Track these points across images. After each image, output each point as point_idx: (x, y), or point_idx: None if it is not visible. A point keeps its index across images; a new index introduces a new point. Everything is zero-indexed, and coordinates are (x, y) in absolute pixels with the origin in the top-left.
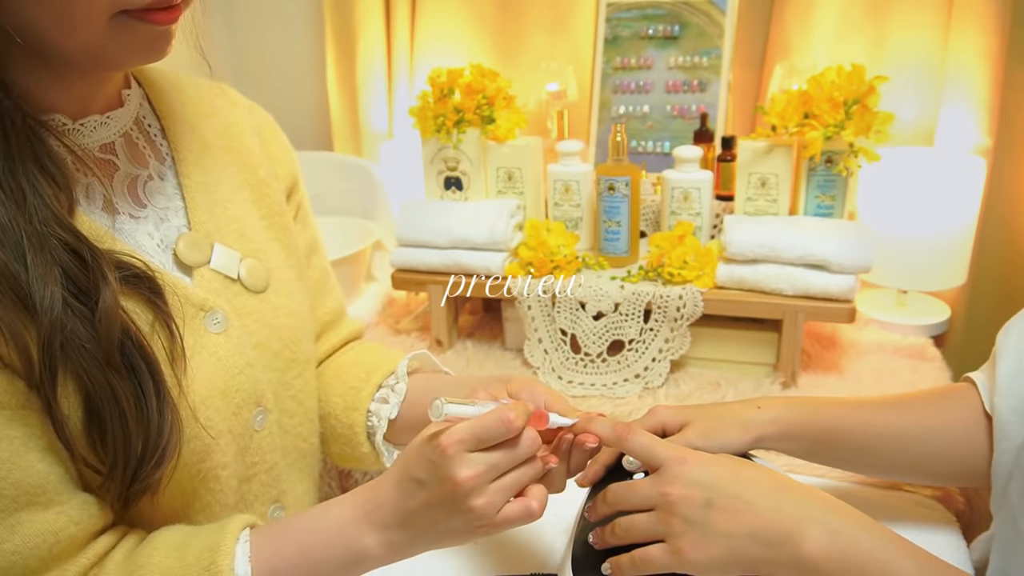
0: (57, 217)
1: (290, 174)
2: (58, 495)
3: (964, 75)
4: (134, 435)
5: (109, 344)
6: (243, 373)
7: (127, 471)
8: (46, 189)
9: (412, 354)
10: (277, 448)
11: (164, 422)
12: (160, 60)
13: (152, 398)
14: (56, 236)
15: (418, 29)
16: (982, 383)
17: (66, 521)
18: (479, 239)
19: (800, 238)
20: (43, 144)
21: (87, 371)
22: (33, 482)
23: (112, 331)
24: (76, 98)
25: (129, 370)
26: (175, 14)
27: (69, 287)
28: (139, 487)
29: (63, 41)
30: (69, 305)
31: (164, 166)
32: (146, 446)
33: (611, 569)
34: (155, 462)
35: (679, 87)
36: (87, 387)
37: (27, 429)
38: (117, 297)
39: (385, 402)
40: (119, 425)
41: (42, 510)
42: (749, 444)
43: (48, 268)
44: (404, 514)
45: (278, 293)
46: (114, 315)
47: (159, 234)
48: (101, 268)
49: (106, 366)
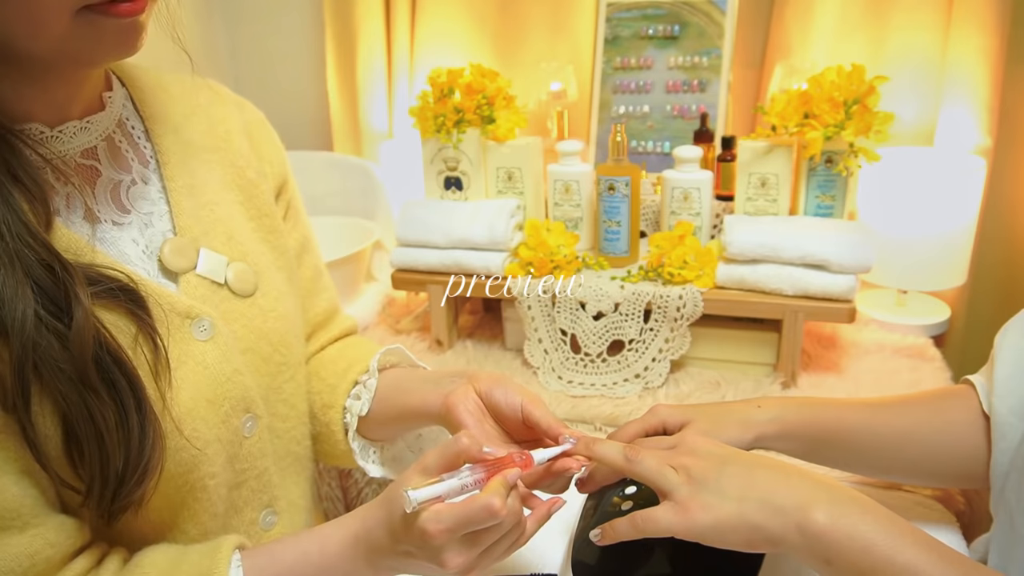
0: (32, 232)
1: (279, 173)
2: (33, 518)
3: (964, 75)
4: (113, 453)
5: (83, 362)
6: (231, 380)
7: (107, 490)
8: (21, 203)
9: (385, 348)
10: (268, 453)
11: (146, 438)
12: (132, 54)
13: (133, 414)
14: (31, 252)
15: (418, 29)
16: (980, 385)
17: (42, 543)
18: (479, 239)
19: (800, 238)
20: (18, 156)
21: (62, 392)
22: (8, 506)
23: (85, 349)
24: (53, 104)
25: (109, 386)
26: (140, 5)
27: (44, 304)
28: (121, 504)
29: (28, 42)
30: (44, 323)
31: (148, 169)
32: (127, 463)
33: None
34: (137, 479)
35: (679, 87)
36: (63, 408)
37: (3, 452)
38: (90, 315)
39: (358, 398)
40: (95, 444)
41: (17, 533)
42: (749, 443)
43: (20, 286)
44: (396, 557)
45: (267, 296)
46: (87, 333)
47: (144, 240)
48: (73, 286)
49: (81, 385)
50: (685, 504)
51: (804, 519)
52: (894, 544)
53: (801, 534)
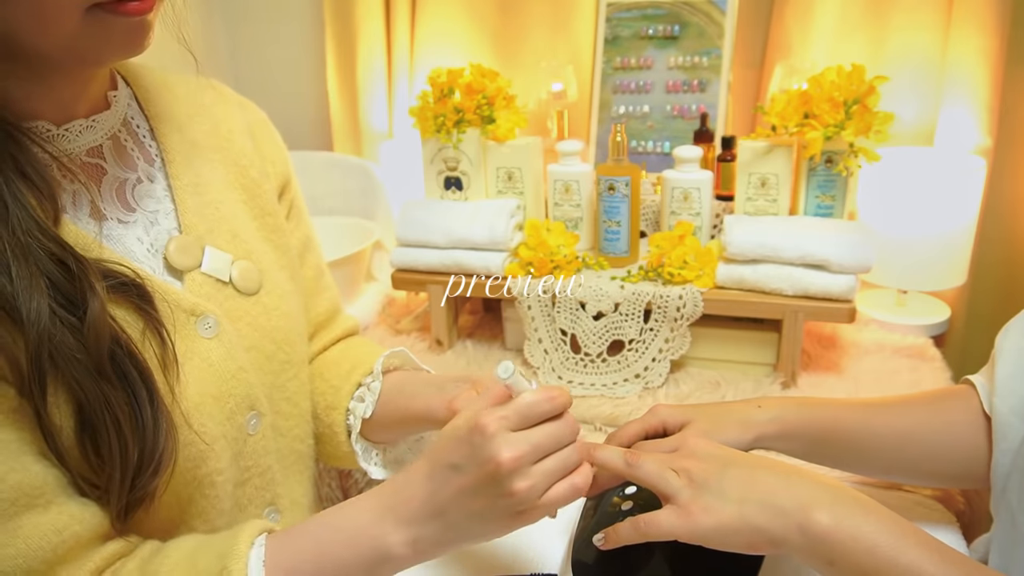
0: (41, 227)
1: (282, 172)
2: (56, 496)
3: (964, 75)
4: (130, 443)
5: (99, 354)
6: (235, 377)
7: (125, 480)
8: (29, 199)
9: (389, 351)
10: (271, 451)
11: (159, 430)
12: (139, 53)
13: (146, 406)
14: (41, 246)
15: (418, 29)
16: (981, 385)
17: (68, 519)
18: (479, 239)
19: (800, 238)
20: (25, 152)
21: (79, 381)
22: (32, 482)
23: (101, 340)
24: (59, 102)
25: (121, 379)
26: (148, 4)
27: (56, 297)
28: (137, 496)
29: (37, 40)
30: (57, 315)
31: (153, 168)
32: (143, 454)
33: (607, 536)
34: (152, 470)
35: (679, 87)
36: (79, 397)
37: (21, 433)
38: (105, 306)
39: (362, 401)
40: (115, 433)
41: (42, 512)
42: (749, 443)
43: (34, 279)
44: (435, 506)
45: (271, 295)
46: (103, 324)
47: (149, 238)
48: (88, 277)
49: (98, 375)
50: (687, 507)
51: (806, 520)
52: (897, 545)
53: (803, 535)
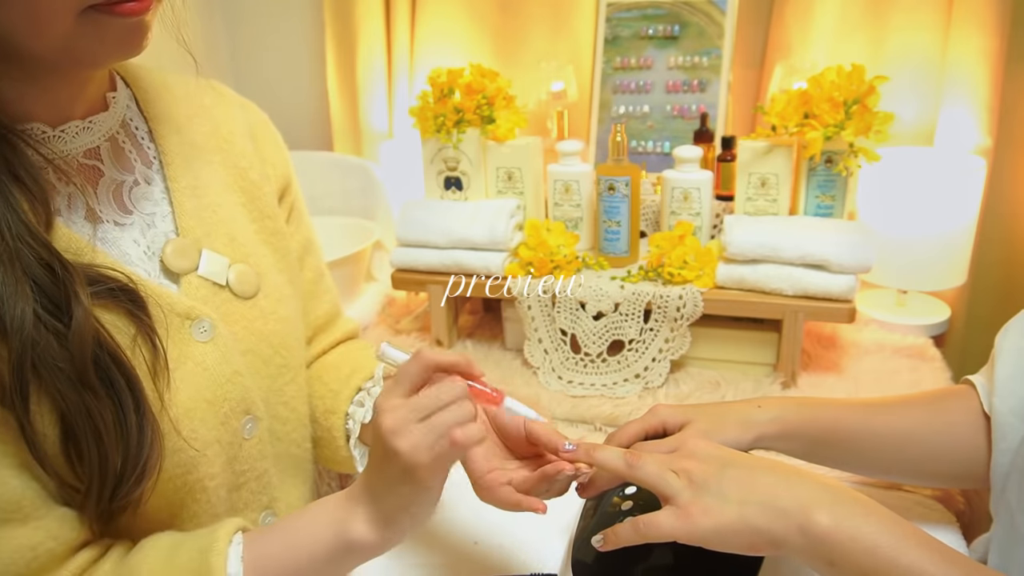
0: (32, 231)
1: (282, 175)
2: (35, 510)
3: (964, 75)
4: (111, 453)
5: (83, 362)
6: (231, 381)
7: (105, 489)
8: (21, 203)
9: None
10: (268, 456)
11: (144, 438)
12: (136, 55)
13: (132, 414)
14: (30, 251)
15: (418, 29)
16: (981, 385)
17: (44, 535)
18: (479, 239)
19: (800, 238)
20: (19, 156)
21: (60, 391)
22: (10, 497)
23: (85, 349)
24: (55, 104)
25: (107, 386)
26: (145, 5)
27: (43, 303)
28: (119, 504)
29: (32, 42)
30: (42, 322)
31: (151, 170)
32: (125, 462)
33: (607, 537)
34: (135, 479)
35: (679, 87)
36: (61, 407)
37: (1, 447)
38: (90, 314)
39: (361, 405)
40: (94, 443)
41: (19, 526)
42: (749, 443)
43: (19, 285)
44: (369, 484)
45: (268, 298)
46: (87, 333)
47: (145, 241)
48: (73, 285)
49: (80, 384)
50: (687, 509)
51: (807, 521)
52: (898, 545)
53: (804, 536)
